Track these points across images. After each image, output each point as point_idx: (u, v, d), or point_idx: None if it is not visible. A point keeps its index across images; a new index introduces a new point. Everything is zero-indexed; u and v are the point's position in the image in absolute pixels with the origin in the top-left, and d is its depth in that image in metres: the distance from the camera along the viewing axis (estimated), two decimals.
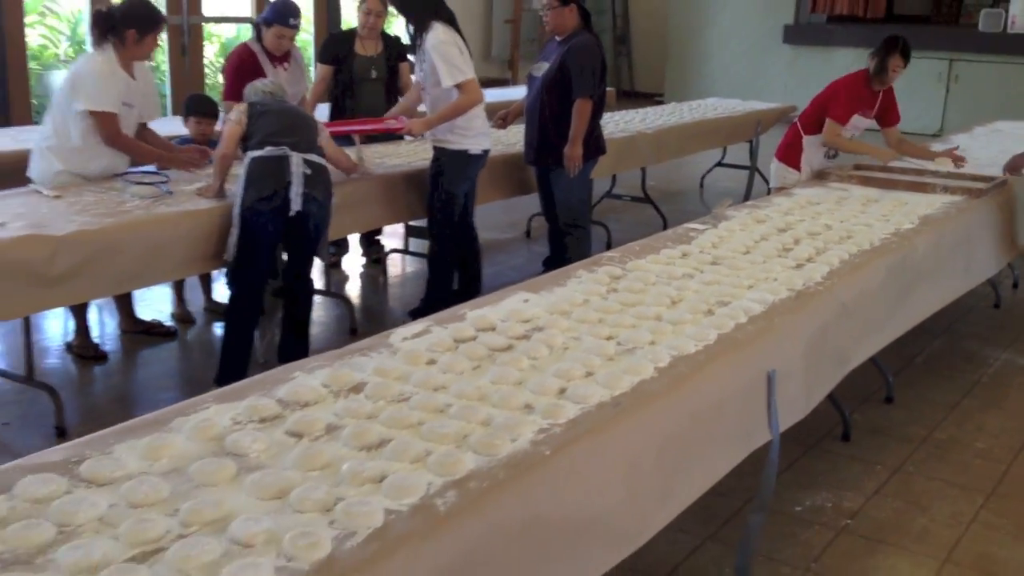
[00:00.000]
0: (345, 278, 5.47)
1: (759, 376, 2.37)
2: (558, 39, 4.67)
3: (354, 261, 5.72)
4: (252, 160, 3.56)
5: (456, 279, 4.65)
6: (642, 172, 6.66)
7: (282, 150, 3.55)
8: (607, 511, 1.86)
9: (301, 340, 3.80)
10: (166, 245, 3.41)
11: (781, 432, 2.41)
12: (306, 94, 5.00)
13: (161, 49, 4.05)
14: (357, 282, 5.46)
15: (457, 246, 4.55)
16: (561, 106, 4.59)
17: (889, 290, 3.18)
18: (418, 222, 4.98)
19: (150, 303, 4.73)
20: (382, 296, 5.32)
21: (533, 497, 1.70)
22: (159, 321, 4.42)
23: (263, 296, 3.73)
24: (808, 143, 4.76)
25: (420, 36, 4.26)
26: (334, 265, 5.36)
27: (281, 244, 3.73)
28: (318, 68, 5.17)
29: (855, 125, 4.74)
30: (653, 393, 2.05)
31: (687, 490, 2.11)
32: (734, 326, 2.45)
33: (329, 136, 3.96)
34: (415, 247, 5.64)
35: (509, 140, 5.24)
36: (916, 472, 3.26)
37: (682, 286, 2.76)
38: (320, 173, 3.65)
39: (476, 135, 4.39)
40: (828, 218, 3.64)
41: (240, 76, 4.52)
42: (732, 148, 7.81)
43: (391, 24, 6.18)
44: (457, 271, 4.65)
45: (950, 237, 3.73)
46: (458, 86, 4.20)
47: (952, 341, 4.56)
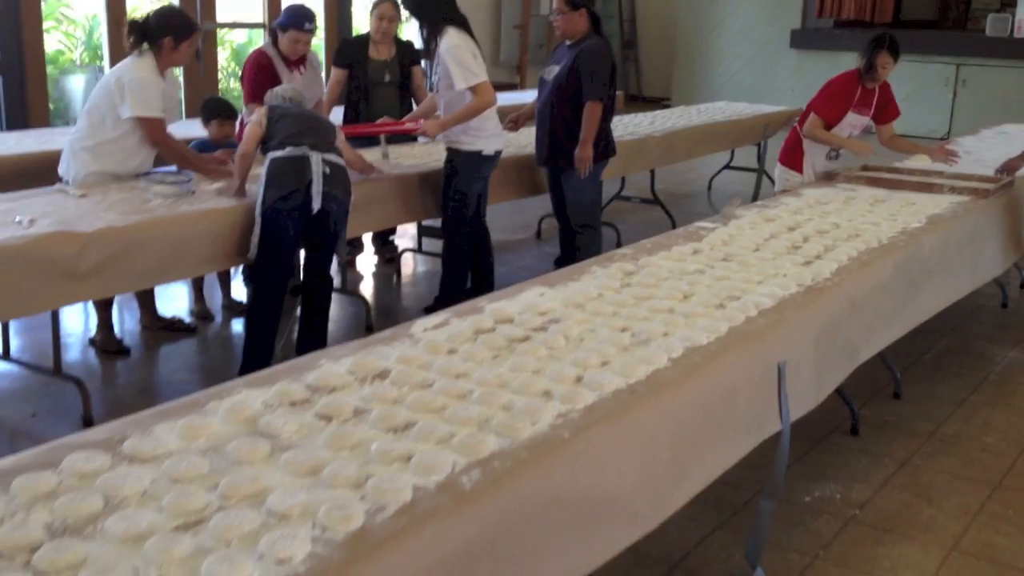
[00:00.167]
0: (359, 277, 5.55)
1: (770, 367, 2.44)
2: (569, 43, 4.73)
3: (368, 261, 5.80)
4: (273, 160, 3.64)
5: (469, 278, 4.74)
6: (651, 174, 6.73)
7: (302, 150, 3.63)
8: (623, 492, 1.93)
9: (320, 336, 3.88)
10: (189, 242, 3.50)
11: (791, 424, 2.47)
12: (322, 97, 5.09)
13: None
14: (371, 281, 5.54)
15: (470, 245, 4.63)
16: (572, 109, 4.66)
17: (897, 287, 3.24)
18: (431, 222, 5.06)
19: (170, 300, 4.83)
20: (396, 295, 5.40)
21: (554, 477, 1.77)
22: (179, 318, 4.52)
23: (284, 293, 3.81)
24: (809, 145, 4.80)
25: (434, 41, 4.34)
26: (348, 264, 5.44)
27: (301, 242, 3.81)
28: (333, 72, 5.26)
29: (852, 123, 4.74)
30: (667, 381, 2.12)
31: (700, 474, 2.18)
32: (745, 319, 2.51)
33: (344, 139, 4.04)
34: (428, 247, 5.72)
35: (521, 142, 5.32)
36: (923, 465, 3.32)
37: (694, 281, 2.83)
38: (339, 173, 3.73)
39: (489, 136, 4.47)
40: (836, 217, 3.70)
41: (259, 80, 4.63)
42: (740, 151, 7.88)
43: (403, 29, 6.27)
44: (470, 270, 4.73)
45: (957, 236, 3.79)
46: (471, 89, 4.28)
47: (960, 340, 4.62)
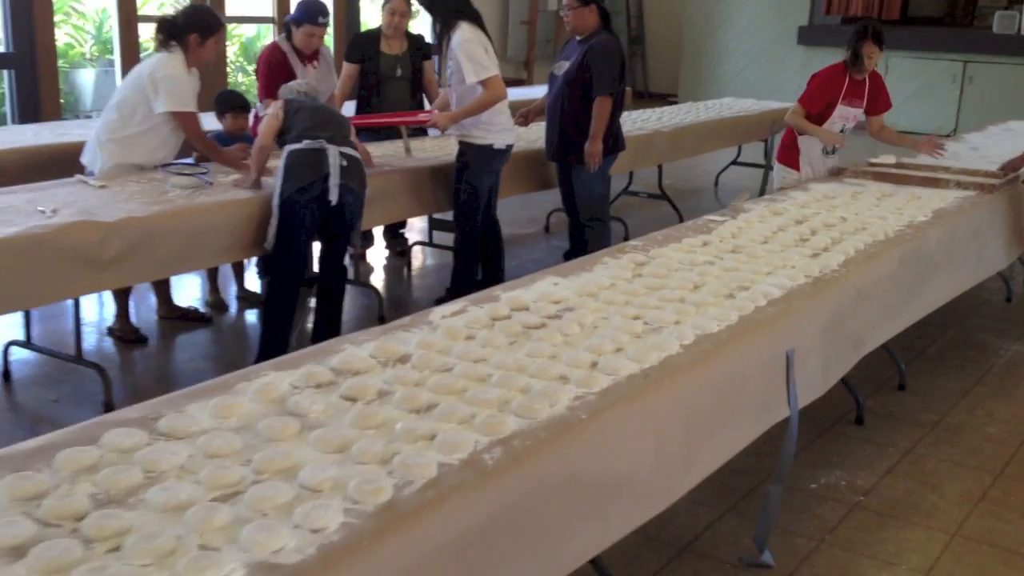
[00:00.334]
0: (370, 270, 5.62)
1: (778, 355, 2.51)
2: (579, 39, 4.79)
3: (378, 254, 5.87)
4: (290, 153, 3.70)
5: (479, 270, 4.80)
6: (659, 169, 6.79)
7: (319, 143, 3.69)
8: (638, 472, 2.00)
9: (335, 328, 3.94)
10: (207, 232, 3.57)
11: (799, 412, 2.54)
12: (335, 91, 5.15)
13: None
14: (382, 274, 5.61)
15: (481, 238, 4.70)
16: (582, 104, 4.72)
17: (903, 278, 3.31)
18: (442, 215, 5.13)
19: (186, 290, 4.90)
20: (407, 287, 5.47)
21: (572, 456, 1.84)
22: (195, 308, 4.60)
23: (300, 284, 3.88)
24: (804, 143, 4.79)
25: (446, 35, 4.41)
26: (360, 257, 5.51)
27: (317, 234, 3.87)
28: (344, 67, 5.32)
29: (844, 116, 4.73)
30: (679, 367, 2.19)
31: (711, 457, 2.25)
32: (754, 308, 2.59)
33: (354, 133, 4.10)
34: (438, 240, 5.78)
35: (530, 137, 5.37)
36: (927, 454, 3.39)
37: (704, 272, 2.90)
38: (355, 165, 3.80)
39: (500, 130, 4.53)
40: (843, 211, 3.77)
41: (273, 75, 4.69)
42: (747, 147, 7.93)
43: (412, 24, 6.33)
44: (481, 263, 4.79)
45: (962, 230, 3.85)
46: (482, 82, 4.33)
47: (964, 333, 4.68)
